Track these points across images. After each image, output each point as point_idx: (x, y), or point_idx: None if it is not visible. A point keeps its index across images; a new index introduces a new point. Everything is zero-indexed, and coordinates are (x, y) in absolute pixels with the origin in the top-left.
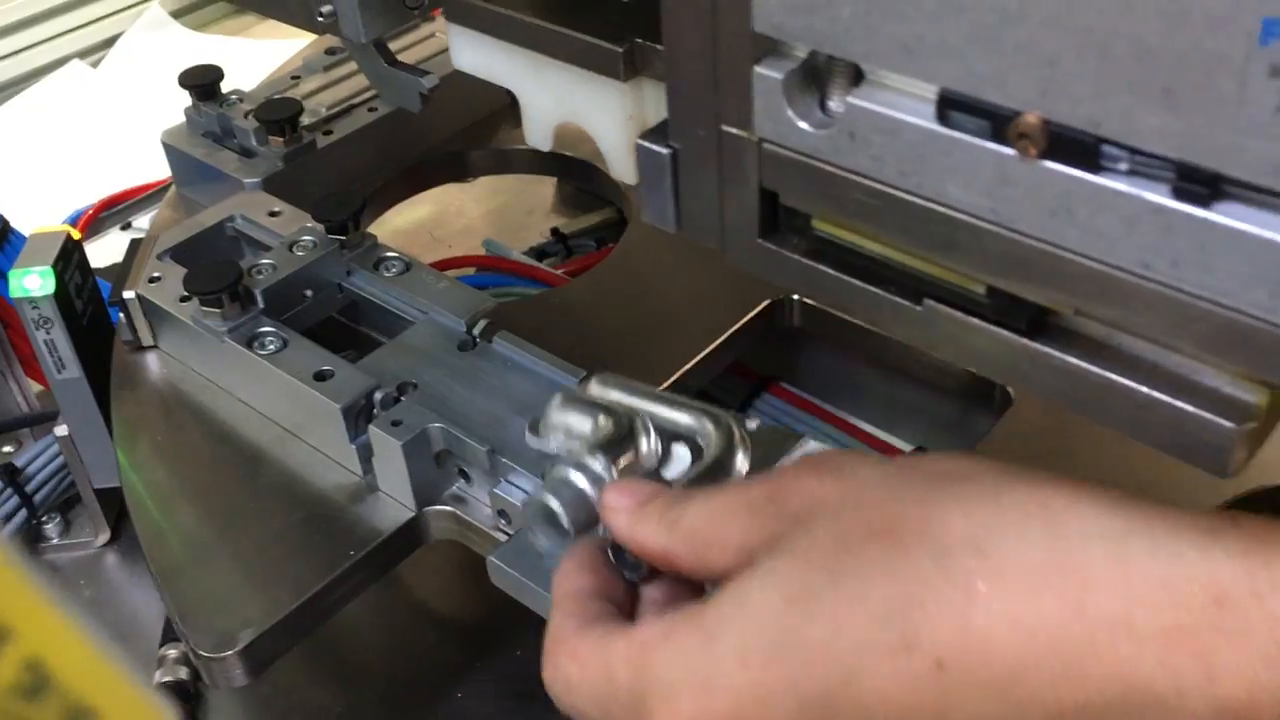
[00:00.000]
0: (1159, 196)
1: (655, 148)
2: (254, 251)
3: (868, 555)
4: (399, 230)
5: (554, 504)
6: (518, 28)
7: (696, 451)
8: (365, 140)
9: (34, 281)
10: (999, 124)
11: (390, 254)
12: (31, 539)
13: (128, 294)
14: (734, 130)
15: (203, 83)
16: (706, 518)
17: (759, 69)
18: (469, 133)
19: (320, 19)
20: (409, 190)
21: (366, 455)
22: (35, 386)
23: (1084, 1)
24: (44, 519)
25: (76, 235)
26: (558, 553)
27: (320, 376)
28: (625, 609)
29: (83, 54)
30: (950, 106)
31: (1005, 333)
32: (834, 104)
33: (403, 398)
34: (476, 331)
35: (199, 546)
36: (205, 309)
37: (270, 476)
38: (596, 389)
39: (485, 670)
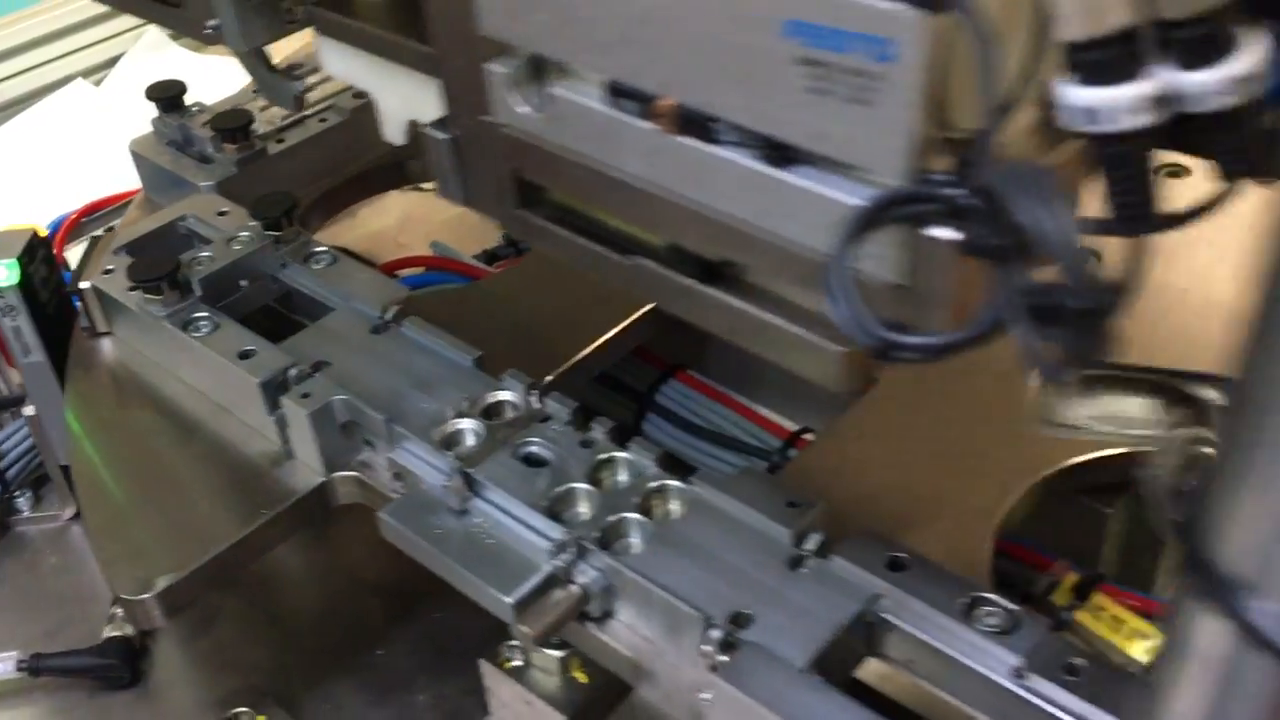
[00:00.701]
0: (752, 161)
1: (438, 134)
2: (203, 247)
3: None
4: (367, 235)
5: None
6: (369, 38)
7: None
8: (314, 148)
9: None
10: (647, 106)
11: (320, 248)
12: (4, 512)
13: (83, 284)
14: (487, 118)
15: (167, 96)
16: None
17: (490, 66)
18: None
19: (207, 31)
20: (356, 195)
21: (284, 426)
22: (18, 377)
23: (678, 11)
24: (16, 494)
25: (43, 233)
26: None
27: (244, 355)
28: None
29: (86, 73)
30: (616, 93)
31: (685, 279)
32: (550, 93)
33: (316, 374)
34: (388, 316)
35: (131, 506)
36: (148, 296)
37: (201, 445)
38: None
39: (405, 631)
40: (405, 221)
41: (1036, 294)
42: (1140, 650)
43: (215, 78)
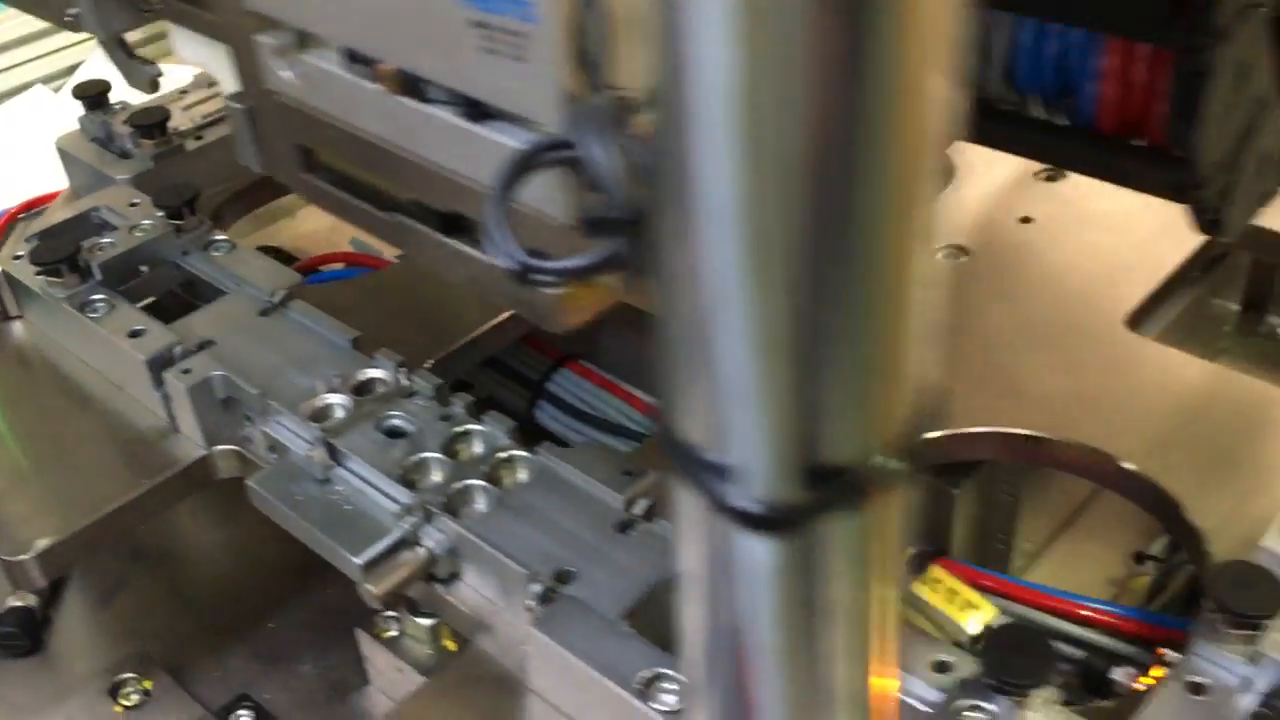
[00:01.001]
0: (456, 117)
1: (235, 105)
2: (107, 234)
3: None
4: (301, 235)
5: None
6: (212, 25)
7: None
8: (231, 146)
9: None
10: (374, 70)
11: (219, 237)
12: None
13: None
14: (267, 88)
15: (92, 94)
16: None
17: (258, 37)
18: None
19: (68, 18)
20: (271, 194)
21: (168, 401)
22: None
23: None
24: None
25: None
26: None
27: (134, 334)
28: None
29: (46, 80)
30: (351, 59)
31: (427, 229)
32: (305, 60)
33: (200, 352)
34: (276, 300)
35: (26, 475)
36: (50, 280)
37: (95, 420)
38: None
39: (298, 605)
40: (338, 223)
41: (594, 210)
42: (971, 620)
43: (172, 85)
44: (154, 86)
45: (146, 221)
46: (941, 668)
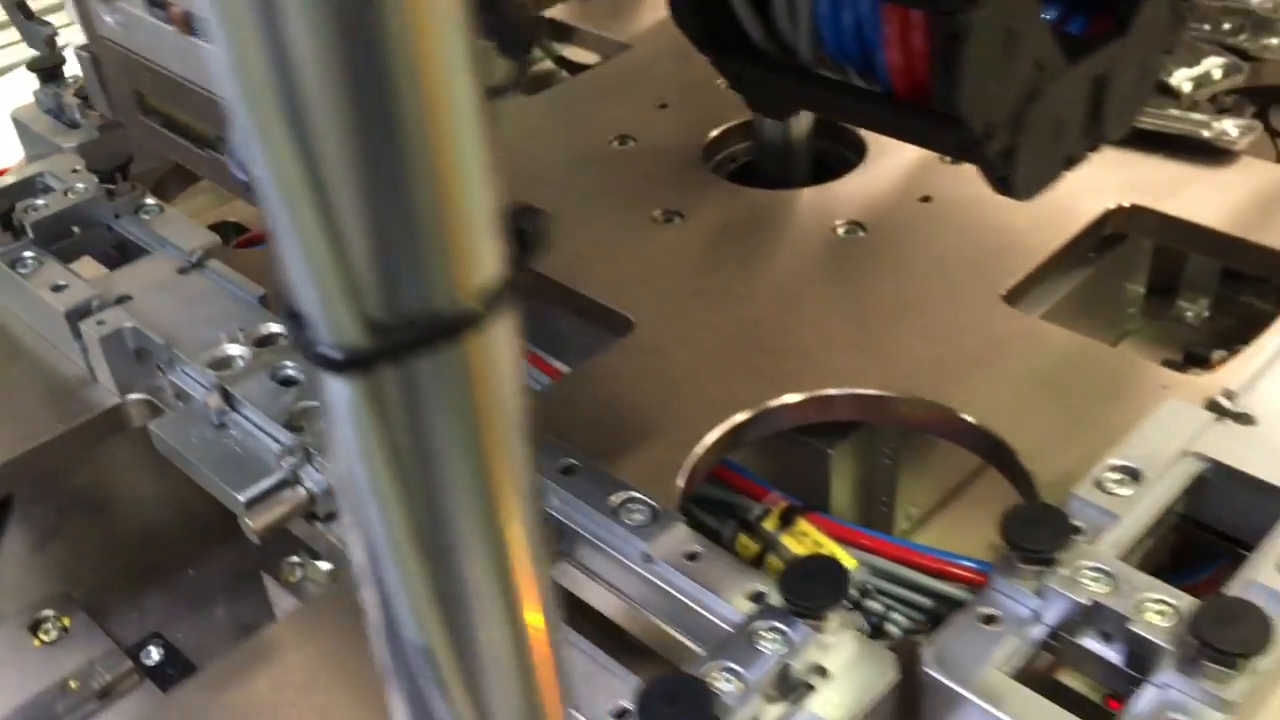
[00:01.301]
0: None
1: (83, 54)
2: (42, 196)
3: None
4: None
5: None
6: None
7: None
8: None
9: None
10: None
11: (150, 201)
12: None
13: None
14: (98, 34)
15: (46, 67)
16: None
17: None
18: None
19: None
20: None
21: (86, 352)
22: None
23: None
24: None
25: None
26: None
27: (57, 289)
28: None
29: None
30: (150, 3)
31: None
32: (120, 6)
33: (116, 306)
34: (194, 259)
35: None
36: None
37: (22, 369)
38: None
39: (219, 553)
40: None
41: None
42: None
43: None
44: (50, 45)
45: (81, 185)
46: (756, 597)
